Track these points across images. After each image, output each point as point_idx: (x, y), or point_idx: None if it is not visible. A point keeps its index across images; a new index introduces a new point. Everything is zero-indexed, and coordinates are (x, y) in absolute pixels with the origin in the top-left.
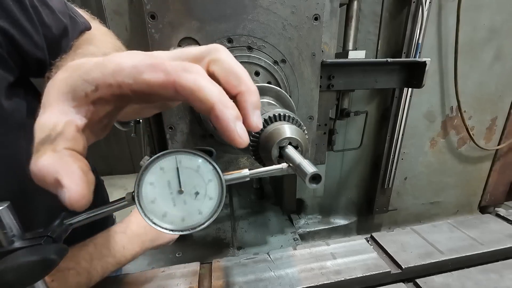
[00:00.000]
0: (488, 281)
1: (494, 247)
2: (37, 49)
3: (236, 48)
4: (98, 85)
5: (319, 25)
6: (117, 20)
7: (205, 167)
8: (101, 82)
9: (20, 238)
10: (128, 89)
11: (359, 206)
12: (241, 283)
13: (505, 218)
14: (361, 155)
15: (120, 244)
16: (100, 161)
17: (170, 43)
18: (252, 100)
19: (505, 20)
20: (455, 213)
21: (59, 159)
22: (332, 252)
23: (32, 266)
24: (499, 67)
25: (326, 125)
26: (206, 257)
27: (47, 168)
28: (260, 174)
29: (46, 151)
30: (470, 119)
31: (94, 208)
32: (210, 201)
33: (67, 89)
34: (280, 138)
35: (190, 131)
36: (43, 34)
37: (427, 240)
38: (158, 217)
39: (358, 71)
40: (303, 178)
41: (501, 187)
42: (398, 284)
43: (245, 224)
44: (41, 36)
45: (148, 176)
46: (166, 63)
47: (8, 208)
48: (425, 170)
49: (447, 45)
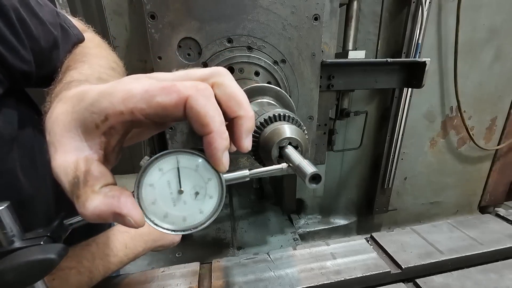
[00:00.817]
0: (488, 281)
1: (494, 247)
2: (23, 63)
3: (236, 48)
4: (108, 114)
5: (319, 25)
6: (117, 20)
7: (204, 167)
8: (111, 111)
9: (20, 238)
10: (140, 114)
11: (359, 206)
12: (241, 283)
13: (505, 218)
14: (361, 155)
15: (123, 243)
16: None
17: (170, 43)
18: (247, 125)
19: (505, 20)
20: (455, 213)
21: (106, 198)
22: (332, 252)
23: (32, 266)
24: (498, 67)
25: (326, 125)
26: (206, 257)
27: (100, 209)
28: (260, 174)
29: (88, 195)
30: (470, 119)
31: None
32: (211, 200)
33: (75, 123)
34: (280, 138)
35: (190, 131)
36: (31, 47)
37: (427, 240)
38: (159, 218)
39: (358, 71)
40: (303, 178)
41: (501, 187)
42: (398, 284)
43: (245, 224)
44: (27, 50)
45: (148, 177)
46: (178, 85)
47: (8, 208)
48: (425, 170)
49: (447, 45)
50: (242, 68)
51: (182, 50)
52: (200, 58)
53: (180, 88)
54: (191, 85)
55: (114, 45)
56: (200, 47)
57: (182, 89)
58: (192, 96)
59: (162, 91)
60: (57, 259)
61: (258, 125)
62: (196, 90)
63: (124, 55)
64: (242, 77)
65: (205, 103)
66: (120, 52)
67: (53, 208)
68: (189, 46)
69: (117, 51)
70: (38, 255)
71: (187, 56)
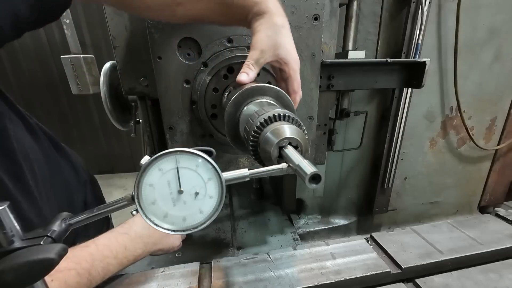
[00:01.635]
0: (487, 281)
1: (494, 247)
2: None
3: (236, 48)
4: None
5: (319, 25)
6: (117, 20)
7: (204, 167)
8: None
9: (20, 238)
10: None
11: (359, 206)
12: (241, 283)
13: (504, 218)
14: (361, 155)
15: (122, 245)
16: (101, 160)
17: (170, 43)
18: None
19: (505, 20)
20: (455, 213)
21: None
22: (332, 252)
23: (31, 266)
24: (498, 67)
25: (326, 125)
26: (206, 257)
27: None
28: (260, 174)
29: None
30: (470, 119)
31: (93, 208)
32: (211, 200)
33: None
34: (280, 138)
35: (190, 131)
36: None
37: (426, 240)
38: (159, 218)
39: (358, 71)
40: (303, 178)
41: (500, 187)
42: (398, 284)
43: (245, 224)
44: None
45: (148, 177)
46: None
47: (8, 208)
48: (425, 170)
49: (446, 45)
50: None
51: (182, 50)
52: (200, 58)
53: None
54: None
55: (114, 45)
56: (200, 47)
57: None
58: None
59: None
60: (56, 259)
61: (258, 125)
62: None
63: (124, 55)
64: None
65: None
66: (120, 52)
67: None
68: (189, 46)
69: (117, 51)
70: (38, 255)
71: (187, 56)
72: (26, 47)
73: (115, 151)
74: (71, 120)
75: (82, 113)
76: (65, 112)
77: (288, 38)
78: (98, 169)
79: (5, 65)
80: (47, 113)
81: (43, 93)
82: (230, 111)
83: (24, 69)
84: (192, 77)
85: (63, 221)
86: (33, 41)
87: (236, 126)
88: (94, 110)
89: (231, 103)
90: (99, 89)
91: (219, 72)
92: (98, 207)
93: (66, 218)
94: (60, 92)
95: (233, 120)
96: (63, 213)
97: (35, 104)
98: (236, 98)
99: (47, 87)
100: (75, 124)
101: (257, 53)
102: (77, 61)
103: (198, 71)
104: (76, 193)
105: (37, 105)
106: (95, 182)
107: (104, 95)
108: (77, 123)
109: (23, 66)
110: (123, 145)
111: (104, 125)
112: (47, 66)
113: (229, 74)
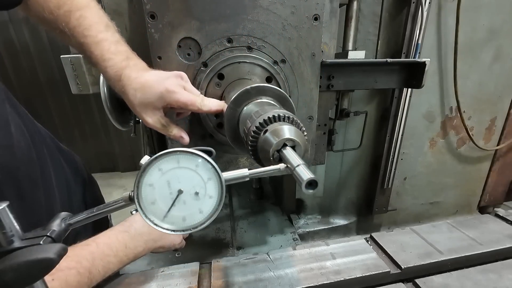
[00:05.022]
0: (487, 281)
1: (493, 247)
2: None
3: (236, 48)
4: (167, 103)
5: (319, 25)
6: (117, 20)
7: (204, 167)
8: (168, 102)
9: (19, 238)
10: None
11: (358, 206)
12: (240, 283)
13: (504, 218)
14: (360, 155)
15: (123, 243)
16: (102, 159)
17: (170, 43)
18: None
19: (505, 21)
20: (455, 213)
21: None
22: (332, 252)
23: (31, 265)
24: (498, 68)
25: (326, 125)
26: (205, 257)
27: (179, 132)
28: (259, 174)
29: (173, 128)
30: (470, 120)
31: (92, 208)
32: (210, 199)
33: (151, 104)
34: (279, 139)
35: (190, 131)
36: None
37: (426, 240)
38: (159, 218)
39: (357, 71)
40: (300, 184)
41: (500, 187)
42: (398, 284)
43: (245, 224)
44: None
45: (147, 177)
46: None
47: (7, 208)
48: (425, 170)
49: (446, 45)
50: None
51: (182, 50)
52: (200, 58)
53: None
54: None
55: None
56: (200, 47)
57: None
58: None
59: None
60: (56, 258)
61: (258, 126)
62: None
63: None
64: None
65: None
66: None
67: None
68: (189, 46)
69: None
70: (38, 255)
71: (187, 56)
72: (26, 46)
73: (116, 150)
74: (72, 119)
75: (83, 112)
76: (66, 111)
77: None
78: (100, 167)
79: (6, 64)
80: (48, 112)
81: (44, 92)
82: (230, 111)
83: (25, 68)
84: (192, 77)
85: (62, 221)
86: (33, 41)
87: (236, 126)
88: (95, 110)
89: (231, 103)
90: (99, 89)
91: (219, 72)
92: (98, 207)
93: (66, 218)
94: (61, 91)
95: (233, 120)
96: (62, 213)
97: (35, 103)
98: (236, 98)
99: (48, 86)
100: (76, 123)
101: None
102: (77, 61)
103: (198, 71)
104: (75, 193)
105: (38, 104)
106: (94, 182)
107: (104, 95)
108: (78, 122)
109: (23, 65)
110: (123, 145)
111: (105, 124)
112: (48, 65)
113: None
